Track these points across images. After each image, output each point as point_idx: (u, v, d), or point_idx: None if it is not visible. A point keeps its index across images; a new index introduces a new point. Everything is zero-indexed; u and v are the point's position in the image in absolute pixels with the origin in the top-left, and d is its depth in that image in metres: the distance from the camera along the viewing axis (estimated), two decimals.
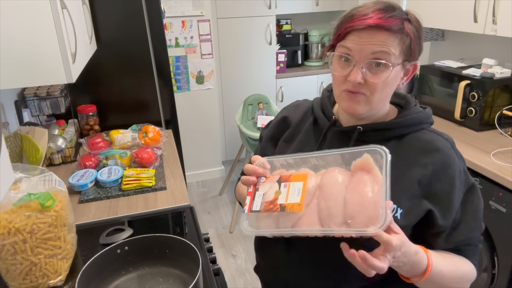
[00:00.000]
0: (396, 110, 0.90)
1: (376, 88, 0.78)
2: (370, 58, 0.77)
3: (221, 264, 2.54)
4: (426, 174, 0.80)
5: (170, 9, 3.01)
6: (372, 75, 0.77)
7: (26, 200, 0.98)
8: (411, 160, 0.82)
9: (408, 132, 0.85)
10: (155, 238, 1.06)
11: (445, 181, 0.81)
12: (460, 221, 0.83)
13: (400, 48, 0.77)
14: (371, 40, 0.76)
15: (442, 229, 0.82)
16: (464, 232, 0.83)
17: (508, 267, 1.57)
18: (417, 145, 0.83)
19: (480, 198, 0.86)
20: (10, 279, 1.02)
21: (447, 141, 0.84)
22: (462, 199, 0.83)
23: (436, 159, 0.81)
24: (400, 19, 0.77)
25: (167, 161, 1.84)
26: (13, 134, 1.58)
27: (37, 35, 1.09)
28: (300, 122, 0.98)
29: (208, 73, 3.30)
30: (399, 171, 0.81)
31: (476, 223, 0.85)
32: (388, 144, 0.83)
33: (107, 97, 2.17)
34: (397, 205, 0.80)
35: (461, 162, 0.84)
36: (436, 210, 0.81)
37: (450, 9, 2.02)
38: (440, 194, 0.81)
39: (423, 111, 0.87)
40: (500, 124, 1.90)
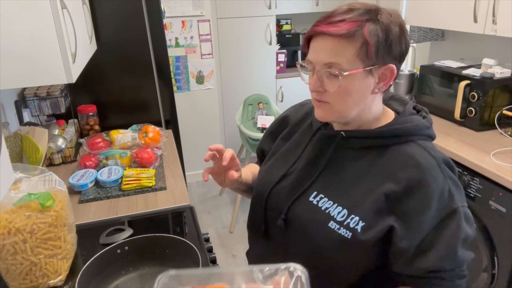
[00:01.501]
0: (392, 117, 0.85)
1: (335, 96, 0.76)
2: (323, 67, 0.75)
3: (221, 264, 2.53)
4: (398, 190, 0.75)
5: (170, 9, 3.01)
6: (329, 83, 0.76)
7: (26, 200, 0.98)
8: (388, 173, 0.77)
9: (393, 143, 0.79)
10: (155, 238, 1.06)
11: (418, 200, 0.74)
12: (429, 247, 0.74)
13: (352, 53, 0.73)
14: (322, 49, 0.74)
15: (402, 250, 0.75)
16: (431, 259, 0.74)
17: (508, 267, 1.57)
18: (398, 158, 0.77)
19: (461, 227, 0.75)
20: (10, 279, 1.02)
21: (432, 158, 0.76)
22: (437, 224, 0.74)
23: (412, 175, 0.74)
24: (354, 22, 0.72)
25: (167, 161, 1.84)
26: (13, 134, 1.58)
27: (37, 35, 1.10)
28: (299, 122, 0.97)
29: (208, 73, 3.30)
30: (373, 183, 0.78)
31: (449, 253, 0.74)
32: (370, 153, 0.81)
33: (107, 97, 2.17)
34: (360, 217, 0.77)
35: (446, 183, 0.75)
36: (399, 229, 0.74)
37: (450, 9, 2.02)
38: (410, 213, 0.74)
39: (414, 123, 0.80)
40: (500, 124, 1.90)
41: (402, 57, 0.78)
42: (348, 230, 0.77)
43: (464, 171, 1.71)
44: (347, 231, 0.77)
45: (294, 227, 0.85)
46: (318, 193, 0.83)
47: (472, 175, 1.67)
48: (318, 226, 0.80)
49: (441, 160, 0.77)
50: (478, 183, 1.64)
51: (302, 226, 0.83)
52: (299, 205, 0.84)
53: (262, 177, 0.95)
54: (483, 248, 1.64)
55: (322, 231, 0.79)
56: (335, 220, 0.78)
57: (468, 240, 0.77)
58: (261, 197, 0.91)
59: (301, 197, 0.85)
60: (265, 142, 1.05)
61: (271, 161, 0.96)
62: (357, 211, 0.77)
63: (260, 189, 0.93)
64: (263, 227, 0.92)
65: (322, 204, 0.81)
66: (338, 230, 0.77)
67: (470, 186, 1.68)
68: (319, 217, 0.80)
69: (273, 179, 0.90)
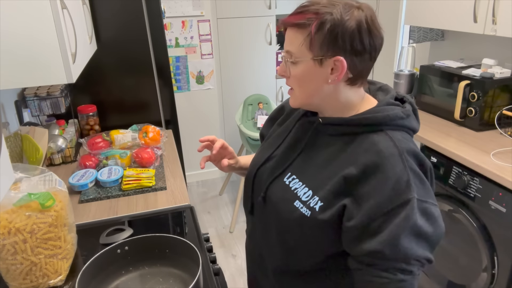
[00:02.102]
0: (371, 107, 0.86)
1: (294, 82, 0.84)
2: (285, 54, 0.83)
3: (221, 264, 2.54)
4: (356, 174, 0.77)
5: (170, 9, 3.01)
6: (288, 70, 0.84)
7: (26, 200, 0.98)
8: (352, 159, 0.79)
9: (362, 132, 0.81)
10: (155, 238, 1.06)
11: (371, 185, 0.75)
12: (376, 232, 0.74)
13: (300, 42, 0.79)
14: (286, 38, 0.83)
15: (348, 228, 0.77)
16: (374, 243, 0.74)
17: (508, 267, 1.57)
18: (363, 145, 0.80)
19: (409, 217, 0.72)
20: (10, 279, 1.02)
21: (395, 147, 0.76)
22: (388, 211, 0.73)
23: (371, 161, 0.76)
24: (310, 14, 0.77)
25: (167, 161, 1.84)
26: (13, 134, 1.58)
27: (37, 35, 1.10)
28: (293, 109, 1.04)
29: (208, 73, 3.30)
30: (338, 167, 0.81)
31: (390, 239, 0.72)
32: (341, 139, 0.85)
33: (107, 97, 2.17)
34: (320, 198, 0.82)
35: (405, 173, 0.74)
36: (350, 209, 0.77)
37: (450, 9, 2.02)
38: (363, 196, 0.76)
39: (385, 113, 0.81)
40: (500, 124, 1.90)
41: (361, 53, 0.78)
42: (308, 209, 0.83)
43: (464, 171, 1.71)
44: (307, 209, 0.83)
45: (269, 204, 0.92)
46: (291, 174, 0.90)
47: (472, 175, 1.67)
48: (285, 204, 0.87)
49: (405, 151, 0.77)
50: (478, 183, 1.64)
51: (274, 204, 0.90)
52: (275, 185, 0.92)
53: (253, 159, 1.04)
54: (483, 248, 1.64)
55: (287, 209, 0.86)
56: (300, 200, 0.85)
57: (423, 236, 0.74)
58: (250, 177, 1.01)
59: (278, 178, 0.92)
60: (265, 127, 1.13)
61: (263, 145, 1.06)
62: (320, 192, 0.83)
63: (250, 170, 1.02)
64: (249, 204, 1.02)
65: (293, 184, 0.88)
66: (300, 208, 0.84)
67: (470, 186, 1.68)
68: (287, 196, 0.87)
69: (259, 161, 0.99)
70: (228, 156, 1.05)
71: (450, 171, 1.79)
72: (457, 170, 1.75)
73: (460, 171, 1.73)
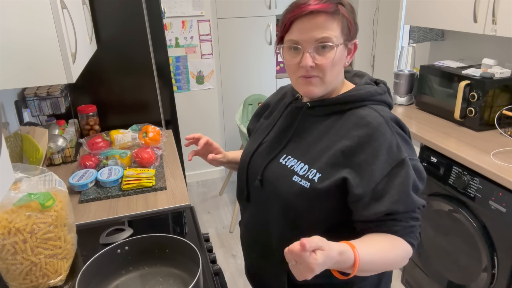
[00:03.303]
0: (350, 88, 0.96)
1: (326, 68, 0.87)
2: (315, 43, 0.85)
3: (221, 264, 2.54)
4: (351, 146, 0.86)
5: (170, 9, 3.01)
6: (321, 58, 0.86)
7: (26, 200, 0.98)
8: (343, 132, 0.88)
9: (349, 108, 0.91)
10: (155, 238, 1.06)
11: (368, 153, 0.84)
12: (383, 193, 0.84)
13: (339, 29, 0.86)
14: (313, 27, 0.84)
15: (358, 198, 0.84)
16: (386, 204, 0.84)
17: (508, 267, 1.57)
18: (352, 120, 0.89)
19: (409, 174, 0.85)
20: (10, 279, 1.02)
21: (381, 117, 0.87)
22: (388, 172, 0.84)
23: (364, 132, 0.85)
24: (334, 3, 0.85)
25: (167, 161, 1.84)
26: (13, 134, 1.58)
27: (37, 35, 1.10)
28: (277, 101, 1.11)
29: (208, 73, 3.30)
30: (331, 142, 0.90)
31: (400, 197, 0.84)
32: (330, 117, 0.93)
33: (107, 97, 2.17)
34: (317, 170, 0.88)
35: (394, 137, 0.86)
36: (353, 179, 0.84)
37: (450, 9, 2.02)
38: (362, 164, 0.84)
39: (366, 90, 0.91)
40: (500, 124, 1.90)
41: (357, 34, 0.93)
42: (307, 181, 0.89)
43: (464, 171, 1.71)
44: (306, 181, 0.89)
45: (267, 185, 0.98)
46: (287, 155, 0.96)
47: (472, 175, 1.67)
48: (284, 181, 0.92)
49: (389, 119, 0.88)
50: (478, 183, 1.64)
51: (272, 183, 0.96)
52: (271, 167, 0.97)
53: (245, 149, 1.10)
54: (483, 248, 1.64)
55: (287, 185, 0.92)
56: (298, 174, 0.91)
57: (418, 187, 0.87)
58: (243, 165, 1.06)
59: (273, 160, 0.98)
60: (251, 122, 1.20)
61: (252, 136, 1.13)
62: (316, 165, 0.89)
63: (243, 158, 1.07)
64: (245, 192, 1.06)
65: (289, 162, 0.94)
66: (299, 182, 0.90)
67: (470, 186, 1.68)
68: (285, 173, 0.93)
69: (252, 149, 1.05)
70: (214, 152, 1.16)
71: (450, 171, 1.79)
72: (457, 170, 1.75)
73: (460, 171, 1.73)
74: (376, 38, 3.42)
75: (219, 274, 1.16)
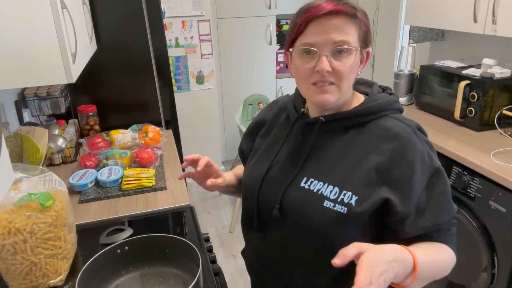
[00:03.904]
0: (362, 99, 0.91)
1: (343, 74, 0.80)
2: (333, 47, 0.79)
3: (221, 264, 2.54)
4: (384, 161, 0.80)
5: (170, 9, 3.01)
6: (338, 62, 0.80)
7: (26, 200, 0.98)
8: (370, 147, 0.83)
9: (369, 120, 0.86)
10: (155, 238, 1.06)
11: (404, 167, 0.80)
12: (426, 207, 0.81)
13: (357, 34, 0.81)
14: (330, 29, 0.78)
15: (404, 216, 0.80)
16: (430, 217, 0.81)
17: (508, 267, 1.57)
18: (377, 132, 0.84)
19: (446, 182, 0.83)
20: (10, 279, 1.02)
21: (407, 126, 0.83)
22: (426, 184, 0.81)
23: (394, 145, 0.81)
24: (351, 7, 0.80)
25: (167, 161, 1.84)
26: (13, 134, 1.58)
27: (37, 35, 1.10)
28: (275, 117, 1.02)
29: (208, 73, 3.30)
30: (357, 158, 0.83)
31: (443, 208, 0.82)
32: (348, 132, 0.87)
33: (107, 97, 2.17)
34: (352, 192, 0.81)
35: (424, 147, 0.82)
36: (395, 197, 0.79)
37: (450, 9, 2.02)
38: (400, 180, 0.80)
39: (384, 99, 0.87)
40: (500, 124, 1.90)
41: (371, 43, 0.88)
42: (343, 205, 0.81)
43: (464, 171, 1.71)
44: (342, 206, 0.81)
45: (289, 214, 0.87)
46: (308, 178, 0.87)
47: (472, 175, 1.67)
48: (314, 208, 0.83)
49: (415, 127, 0.84)
50: (478, 183, 1.64)
51: (298, 211, 0.86)
52: (291, 193, 0.87)
53: (249, 174, 0.99)
54: (483, 248, 1.64)
55: (318, 212, 0.82)
56: (329, 199, 0.82)
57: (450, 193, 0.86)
58: (252, 193, 0.94)
59: (292, 185, 0.88)
60: (244, 143, 1.09)
61: (254, 159, 1.00)
62: (348, 186, 0.82)
63: (250, 185, 0.96)
64: (256, 222, 0.94)
65: (314, 186, 0.85)
66: (333, 207, 0.81)
67: (470, 186, 1.68)
68: (313, 199, 0.84)
69: (260, 173, 0.94)
70: (214, 175, 1.00)
71: (450, 171, 1.79)
72: (457, 170, 1.75)
73: (460, 171, 1.73)
74: (376, 38, 3.42)
75: (219, 274, 1.16)
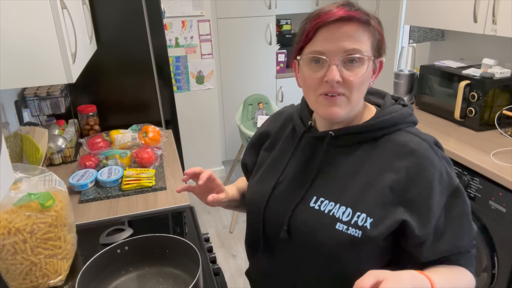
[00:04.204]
0: (374, 111, 0.85)
1: (354, 86, 0.75)
2: (343, 55, 0.73)
3: (221, 264, 2.54)
4: (400, 180, 0.75)
5: (170, 9, 3.01)
6: (349, 72, 0.74)
7: (26, 200, 0.98)
8: (384, 164, 0.77)
9: (382, 135, 0.80)
10: (155, 238, 1.06)
11: (421, 186, 0.74)
12: (445, 229, 0.76)
13: (370, 42, 0.76)
14: (342, 36, 0.73)
15: (422, 239, 0.75)
16: (450, 240, 0.76)
17: (508, 267, 1.57)
18: (391, 148, 0.78)
19: (466, 201, 0.77)
20: (10, 279, 1.02)
21: (424, 142, 0.78)
22: (445, 204, 0.75)
23: (410, 163, 0.75)
24: (364, 13, 0.75)
25: (167, 161, 1.84)
26: (13, 134, 1.58)
27: (37, 35, 1.09)
28: (280, 130, 0.96)
29: (208, 73, 3.30)
30: (371, 176, 0.77)
31: (463, 230, 0.77)
32: (360, 147, 0.81)
33: (107, 97, 2.17)
34: (367, 213, 0.75)
35: (442, 164, 0.77)
36: (412, 219, 0.74)
37: (450, 9, 2.02)
38: (417, 200, 0.74)
39: (398, 111, 0.81)
40: (500, 124, 1.90)
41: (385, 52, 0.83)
42: (357, 228, 0.75)
43: (464, 171, 1.71)
44: (356, 229, 0.75)
45: (299, 236, 0.82)
46: (317, 197, 0.81)
47: (472, 175, 1.67)
48: (326, 231, 0.78)
49: (432, 142, 0.79)
50: (478, 183, 1.64)
51: (308, 233, 0.80)
52: (301, 213, 0.82)
53: (253, 191, 0.93)
54: (483, 248, 1.64)
55: (330, 235, 0.77)
56: (341, 221, 0.76)
57: None
58: (257, 212, 0.89)
59: (301, 205, 0.82)
60: (247, 156, 1.02)
61: (259, 174, 0.94)
62: (361, 207, 0.76)
63: (255, 204, 0.90)
64: (262, 242, 0.89)
65: (324, 207, 0.79)
66: (347, 230, 0.75)
67: (470, 186, 1.68)
68: (325, 221, 0.78)
69: (265, 191, 0.88)
70: (216, 190, 0.93)
71: None
72: (457, 170, 1.75)
73: (460, 171, 1.73)
74: None
75: (219, 274, 1.16)
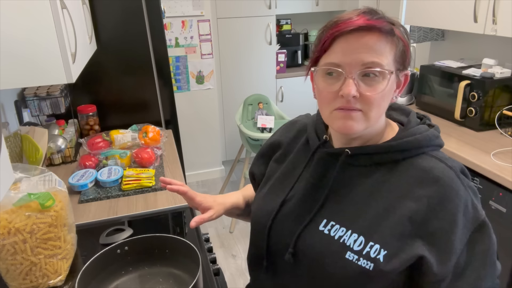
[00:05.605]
0: (397, 129, 0.79)
1: (373, 102, 0.68)
2: (361, 68, 0.67)
3: (221, 264, 2.54)
4: (420, 210, 0.68)
5: (170, 9, 3.01)
6: (367, 87, 0.68)
7: (26, 200, 0.98)
8: (404, 191, 0.70)
9: (404, 157, 0.72)
10: (155, 238, 1.06)
11: (444, 219, 0.67)
12: (466, 267, 0.68)
13: (393, 54, 0.69)
14: (360, 48, 0.66)
15: (440, 277, 0.67)
16: (471, 280, 0.68)
17: (508, 267, 1.57)
18: (413, 173, 0.71)
19: (492, 238, 0.71)
20: (10, 279, 1.02)
21: (450, 169, 0.70)
22: (468, 240, 0.68)
23: (433, 192, 0.68)
24: (388, 22, 0.68)
25: (167, 161, 1.84)
26: (13, 134, 1.57)
27: (37, 35, 1.09)
28: (292, 141, 0.90)
29: (208, 73, 3.30)
30: (388, 203, 0.70)
31: (486, 270, 0.70)
32: (378, 169, 0.73)
33: (107, 97, 2.17)
34: (380, 244, 0.68)
35: (468, 194, 0.69)
36: (431, 255, 0.67)
37: (450, 9, 2.02)
38: (437, 234, 0.67)
39: (423, 133, 0.73)
40: (500, 124, 1.90)
41: None
42: (368, 260, 0.68)
43: None
44: (367, 261, 0.68)
45: (305, 261, 0.76)
46: (328, 221, 0.74)
47: (472, 175, 1.67)
48: (334, 259, 0.71)
49: (458, 170, 0.71)
50: (478, 183, 1.64)
51: (314, 260, 0.74)
52: (309, 236, 0.75)
53: (259, 205, 0.87)
54: None
55: (339, 264, 0.70)
56: (352, 250, 0.70)
57: None
58: (261, 229, 0.83)
59: (310, 226, 0.76)
60: (256, 165, 0.97)
61: (267, 187, 0.88)
62: (375, 237, 0.69)
63: (260, 219, 0.84)
64: (265, 263, 0.83)
65: (335, 232, 0.73)
66: (357, 261, 0.69)
67: None
68: (334, 248, 0.71)
69: (272, 208, 0.82)
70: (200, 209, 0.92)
71: None
72: None
73: None
74: None
75: (219, 274, 1.16)
